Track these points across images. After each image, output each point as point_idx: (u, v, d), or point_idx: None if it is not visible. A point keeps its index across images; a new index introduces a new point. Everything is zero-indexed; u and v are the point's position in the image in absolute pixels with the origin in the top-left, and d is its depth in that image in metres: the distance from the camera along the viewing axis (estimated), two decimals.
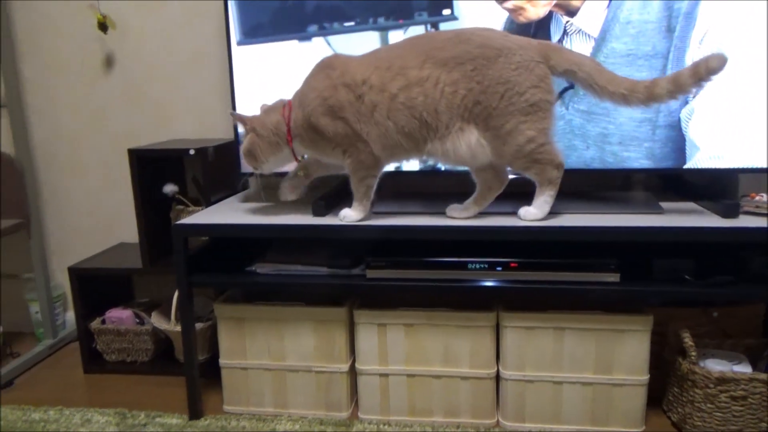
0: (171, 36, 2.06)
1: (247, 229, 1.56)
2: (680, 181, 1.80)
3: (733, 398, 1.47)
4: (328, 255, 1.64)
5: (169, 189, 1.92)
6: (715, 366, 1.50)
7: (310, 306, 1.64)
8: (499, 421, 1.63)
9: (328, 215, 1.61)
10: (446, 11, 1.67)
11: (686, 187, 1.75)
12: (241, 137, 1.62)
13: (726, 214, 1.47)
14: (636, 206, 1.60)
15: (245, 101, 1.81)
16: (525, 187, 1.51)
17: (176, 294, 1.87)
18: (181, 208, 1.94)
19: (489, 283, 1.50)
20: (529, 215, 1.49)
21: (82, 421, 1.70)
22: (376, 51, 1.50)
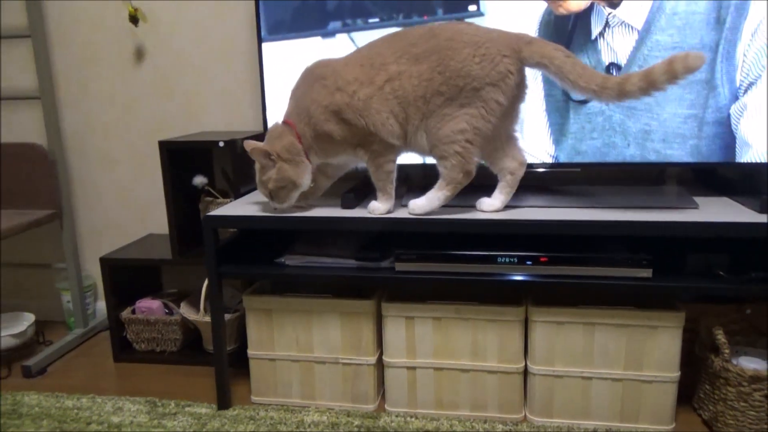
0: (201, 29, 2.08)
1: (275, 221, 1.57)
2: (714, 176, 1.77)
3: None
4: (357, 247, 1.65)
5: (199, 181, 1.94)
6: (749, 364, 1.48)
7: (337, 298, 1.64)
8: (526, 415, 1.62)
9: (356, 207, 1.61)
10: (472, 7, 1.66)
11: (720, 181, 1.72)
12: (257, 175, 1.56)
13: (763, 209, 1.44)
14: (669, 200, 1.57)
15: (274, 94, 1.82)
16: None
17: (205, 285, 1.89)
18: (209, 200, 1.96)
19: (518, 277, 1.49)
20: (417, 208, 1.51)
21: (113, 409, 1.73)
22: (357, 50, 1.53)
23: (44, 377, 1.98)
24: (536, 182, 1.80)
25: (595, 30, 1.60)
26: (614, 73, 1.60)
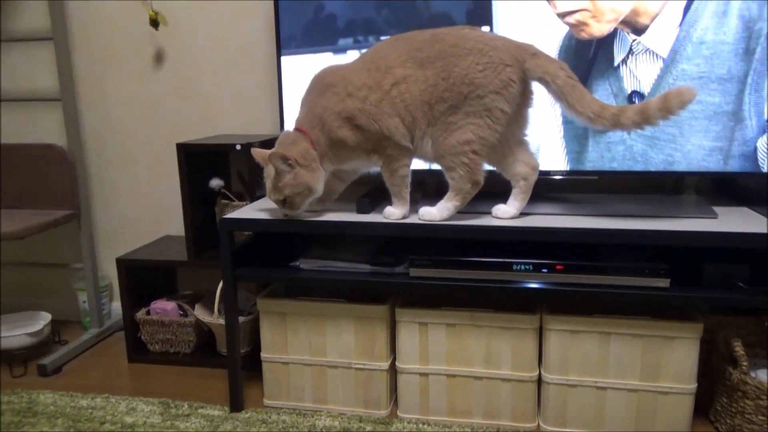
0: (220, 32, 2.09)
1: (291, 225, 1.57)
2: (734, 185, 1.75)
3: None
4: (371, 252, 1.65)
5: (215, 183, 1.95)
6: None
7: (351, 302, 1.64)
8: (539, 425, 1.61)
9: (371, 212, 1.61)
10: (485, 29, 1.65)
11: (740, 191, 1.70)
12: (266, 183, 1.54)
13: None
14: (688, 210, 1.56)
15: (292, 98, 1.83)
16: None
17: (219, 287, 1.90)
18: (225, 202, 1.97)
19: (534, 285, 1.48)
20: (428, 216, 1.50)
21: (127, 409, 1.74)
22: (362, 55, 1.53)
23: (59, 376, 1.99)
24: (552, 190, 1.80)
25: (618, 57, 1.58)
26: (636, 101, 1.58)
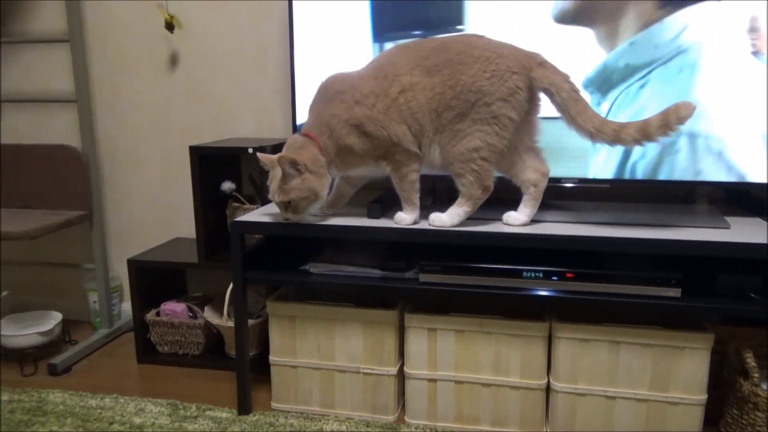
0: (234, 36, 2.10)
1: (302, 229, 1.57)
2: (747, 196, 1.74)
3: None
4: (381, 257, 1.65)
5: (227, 186, 1.96)
6: None
7: (360, 307, 1.64)
8: None
9: (382, 217, 1.61)
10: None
11: (753, 201, 1.69)
12: (270, 185, 1.54)
13: None
14: (700, 220, 1.55)
15: (305, 102, 1.83)
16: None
17: (229, 290, 1.90)
18: (237, 205, 1.98)
19: (543, 293, 1.48)
20: (438, 222, 1.51)
21: (136, 409, 1.74)
22: (370, 63, 1.54)
23: (69, 376, 2.00)
24: (563, 197, 1.79)
25: None
26: None
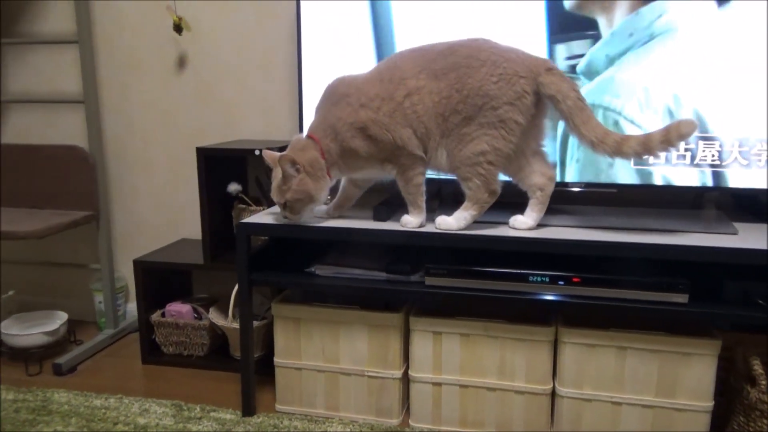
0: (242, 38, 2.11)
1: (308, 231, 1.57)
2: (755, 202, 1.73)
3: None
4: (386, 260, 1.65)
5: (233, 188, 1.96)
6: None
7: (365, 310, 1.64)
8: None
9: (388, 220, 1.61)
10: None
11: (761, 208, 1.68)
12: (272, 184, 1.55)
13: None
14: (707, 225, 1.54)
15: (313, 104, 1.83)
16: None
17: (234, 291, 1.90)
18: (243, 207, 1.98)
19: (549, 297, 1.47)
20: (445, 226, 1.50)
21: (140, 410, 1.74)
22: (376, 66, 1.54)
23: (74, 375, 2.01)
24: (570, 202, 1.79)
25: None
26: None
